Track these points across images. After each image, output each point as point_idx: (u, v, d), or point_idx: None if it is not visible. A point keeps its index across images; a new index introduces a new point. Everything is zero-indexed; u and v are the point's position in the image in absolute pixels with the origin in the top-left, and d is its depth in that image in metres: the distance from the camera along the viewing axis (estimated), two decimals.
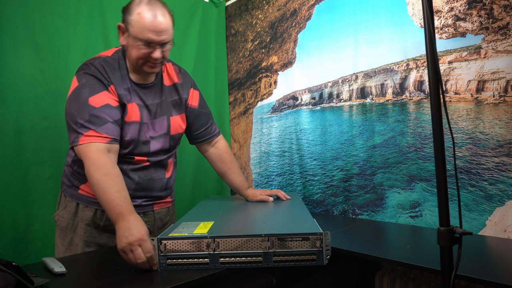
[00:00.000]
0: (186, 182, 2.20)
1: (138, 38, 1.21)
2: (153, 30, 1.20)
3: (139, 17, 1.20)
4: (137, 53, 1.24)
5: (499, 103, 1.35)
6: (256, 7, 2.28)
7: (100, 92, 1.24)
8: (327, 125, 1.95)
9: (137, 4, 1.21)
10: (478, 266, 1.02)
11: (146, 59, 1.25)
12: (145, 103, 1.34)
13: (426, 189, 1.54)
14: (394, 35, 1.65)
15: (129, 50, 1.27)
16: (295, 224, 1.20)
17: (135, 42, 1.22)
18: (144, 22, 1.19)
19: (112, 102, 1.25)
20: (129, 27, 1.22)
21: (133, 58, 1.26)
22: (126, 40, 1.26)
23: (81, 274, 1.08)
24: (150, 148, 1.35)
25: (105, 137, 1.20)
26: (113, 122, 1.23)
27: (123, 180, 1.18)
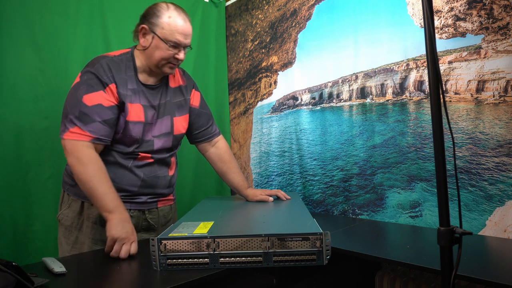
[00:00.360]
0: (186, 182, 2.20)
1: (167, 39, 1.30)
2: (183, 33, 1.31)
3: (171, 20, 1.29)
4: (163, 54, 1.31)
5: (499, 103, 1.35)
6: (256, 7, 2.28)
7: (96, 92, 1.27)
8: (327, 125, 1.95)
9: (165, 9, 1.31)
10: (478, 266, 1.02)
11: (169, 60, 1.33)
12: (151, 103, 1.39)
13: (426, 189, 1.54)
14: (394, 35, 1.65)
15: (151, 51, 1.32)
16: (295, 224, 1.20)
17: (163, 43, 1.30)
18: (176, 25, 1.30)
19: (105, 103, 1.28)
20: (157, 29, 1.29)
21: (156, 58, 1.32)
22: (148, 41, 1.32)
23: (81, 274, 1.08)
24: (154, 146, 1.39)
25: (88, 136, 1.24)
26: (101, 122, 1.26)
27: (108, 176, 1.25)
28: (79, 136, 1.24)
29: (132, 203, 1.39)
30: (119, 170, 1.35)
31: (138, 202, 1.41)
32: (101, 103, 1.27)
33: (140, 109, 1.35)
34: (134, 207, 1.40)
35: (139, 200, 1.41)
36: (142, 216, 1.43)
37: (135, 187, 1.37)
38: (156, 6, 1.32)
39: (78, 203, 1.36)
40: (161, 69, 1.36)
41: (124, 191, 1.36)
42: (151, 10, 1.33)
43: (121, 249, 1.15)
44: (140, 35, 1.34)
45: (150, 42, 1.32)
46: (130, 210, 1.38)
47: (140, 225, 1.43)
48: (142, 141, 1.36)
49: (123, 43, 1.90)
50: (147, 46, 1.33)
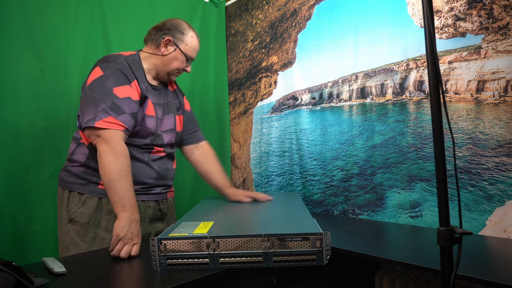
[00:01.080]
0: (186, 182, 2.20)
1: (187, 54, 1.48)
2: (196, 51, 1.53)
3: (193, 40, 1.50)
4: (179, 65, 1.49)
5: (499, 103, 1.35)
6: (256, 7, 2.28)
7: (124, 85, 1.35)
8: (327, 125, 1.95)
9: (188, 28, 1.49)
10: (478, 266, 1.02)
11: (179, 70, 1.51)
12: (158, 101, 1.51)
13: (426, 189, 1.54)
14: (394, 35, 1.65)
15: (169, 60, 1.47)
16: (295, 224, 1.19)
17: (182, 56, 1.48)
18: (195, 44, 1.51)
19: (133, 96, 1.36)
20: (181, 43, 1.47)
21: (173, 67, 1.48)
22: (169, 51, 1.46)
23: (81, 274, 1.08)
24: (164, 141, 1.50)
25: (121, 126, 1.30)
26: (130, 114, 1.33)
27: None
28: (115, 126, 1.28)
29: (149, 195, 1.49)
30: (138, 164, 1.41)
31: (154, 193, 1.50)
32: (130, 96, 1.35)
33: (152, 105, 1.45)
34: (151, 198, 1.49)
35: (155, 191, 1.50)
36: (157, 207, 1.53)
37: (151, 179, 1.47)
38: (180, 24, 1.49)
39: (95, 200, 1.38)
40: (169, 77, 1.51)
41: (143, 184, 1.44)
42: (175, 25, 1.48)
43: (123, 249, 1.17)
44: (162, 44, 1.46)
45: (170, 52, 1.46)
46: (148, 201, 1.48)
47: (155, 215, 1.53)
48: (155, 134, 1.46)
49: (123, 43, 1.90)
50: (166, 55, 1.46)
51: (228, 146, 2.46)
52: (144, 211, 1.46)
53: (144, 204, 1.47)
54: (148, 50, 1.49)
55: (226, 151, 2.45)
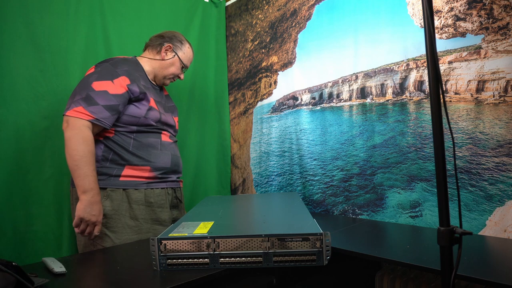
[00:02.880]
0: (186, 182, 2.20)
1: (184, 62, 1.70)
2: (190, 61, 1.76)
3: (189, 51, 1.73)
4: (175, 70, 1.68)
5: (499, 103, 1.35)
6: (256, 7, 2.28)
7: (105, 81, 1.45)
8: (327, 125, 1.95)
9: (184, 40, 1.71)
10: (478, 266, 1.02)
11: (174, 76, 1.70)
12: (158, 99, 1.65)
13: (426, 189, 1.54)
14: (394, 35, 1.65)
15: (167, 64, 1.66)
16: (295, 225, 1.19)
17: (179, 63, 1.68)
18: (191, 55, 1.74)
19: (111, 90, 1.44)
20: (179, 52, 1.68)
21: (169, 72, 1.67)
22: (168, 57, 1.66)
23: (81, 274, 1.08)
24: (168, 130, 1.67)
25: (88, 116, 1.40)
26: (104, 106, 1.42)
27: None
28: (81, 115, 1.39)
29: (167, 182, 1.63)
30: (154, 151, 1.56)
31: (171, 181, 1.65)
32: (106, 90, 1.44)
33: (153, 102, 1.59)
34: (169, 185, 1.64)
35: (171, 179, 1.65)
36: (173, 194, 1.68)
37: (167, 164, 1.60)
38: (179, 35, 1.70)
39: (119, 191, 1.49)
40: (164, 80, 1.69)
41: (161, 170, 1.58)
42: (175, 36, 1.69)
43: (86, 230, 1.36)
44: (163, 49, 1.65)
45: (169, 58, 1.65)
46: (166, 188, 1.62)
47: (173, 202, 1.68)
48: (160, 121, 1.60)
49: (123, 43, 1.90)
50: (165, 60, 1.65)
51: (228, 146, 2.46)
52: (165, 198, 1.61)
53: (164, 191, 1.61)
54: (148, 55, 1.66)
55: (226, 151, 2.45)
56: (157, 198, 1.58)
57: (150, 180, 1.55)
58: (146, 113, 1.53)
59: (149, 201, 1.55)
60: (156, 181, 1.58)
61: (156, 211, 1.57)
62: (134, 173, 1.52)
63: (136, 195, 1.52)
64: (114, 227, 1.47)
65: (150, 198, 1.55)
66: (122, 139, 1.51)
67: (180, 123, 2.18)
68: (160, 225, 1.58)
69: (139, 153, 1.52)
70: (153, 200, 1.56)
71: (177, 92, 2.17)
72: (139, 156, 1.52)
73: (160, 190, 1.59)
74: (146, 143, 1.55)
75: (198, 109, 2.29)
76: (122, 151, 1.50)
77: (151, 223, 1.55)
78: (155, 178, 1.57)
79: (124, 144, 1.51)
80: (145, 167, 1.54)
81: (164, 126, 1.63)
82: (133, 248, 1.38)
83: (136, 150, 1.52)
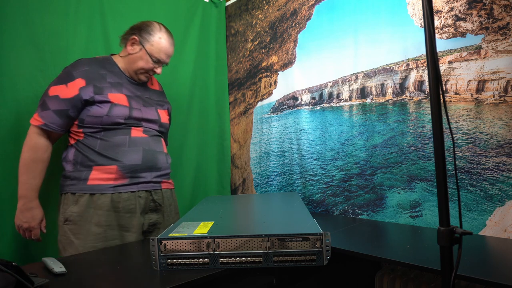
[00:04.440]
0: (186, 182, 2.20)
1: (153, 55, 1.53)
2: (166, 54, 1.56)
3: (160, 41, 1.53)
4: (144, 65, 1.54)
5: (499, 103, 1.35)
6: (256, 7, 2.28)
7: (60, 85, 1.44)
8: (327, 125, 1.95)
9: (158, 30, 1.54)
10: (478, 266, 1.02)
11: (147, 71, 1.56)
12: (135, 94, 1.58)
13: (426, 189, 1.54)
14: (394, 35, 1.65)
15: (134, 59, 1.54)
16: (295, 225, 1.20)
17: (147, 57, 1.52)
18: (163, 46, 1.54)
19: (62, 94, 1.43)
20: (146, 44, 1.52)
21: (138, 66, 1.54)
22: (135, 50, 1.53)
23: (81, 274, 1.08)
24: (143, 125, 1.56)
25: (38, 121, 1.42)
26: (53, 111, 1.42)
27: (44, 167, 1.45)
28: (33, 121, 1.43)
29: (140, 184, 1.51)
30: (121, 149, 1.47)
31: (145, 181, 1.53)
32: (58, 95, 1.43)
33: (123, 98, 1.52)
34: (141, 188, 1.52)
35: (145, 179, 1.53)
36: (149, 197, 1.55)
37: (137, 161, 1.49)
38: (150, 25, 1.54)
39: (86, 197, 1.44)
40: (137, 76, 1.57)
41: (129, 168, 1.48)
42: (145, 26, 1.54)
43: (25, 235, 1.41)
44: (129, 43, 1.53)
45: (135, 52, 1.53)
46: (138, 191, 1.51)
47: (148, 205, 1.55)
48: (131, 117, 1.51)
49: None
50: (131, 54, 1.53)
51: (228, 146, 2.46)
52: (135, 202, 1.49)
53: (134, 195, 1.50)
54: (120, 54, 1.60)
55: (226, 151, 2.45)
56: (125, 203, 1.47)
57: (118, 182, 1.46)
58: (109, 111, 1.45)
59: (116, 206, 1.46)
60: (124, 184, 1.47)
61: (124, 217, 1.47)
62: (101, 176, 1.45)
63: (102, 200, 1.44)
64: (79, 233, 1.42)
65: (117, 203, 1.46)
66: (90, 140, 1.46)
67: (180, 123, 2.18)
68: (128, 232, 1.47)
69: (106, 152, 1.45)
70: (120, 205, 1.46)
71: (177, 92, 2.16)
72: (106, 155, 1.45)
73: (129, 194, 1.48)
74: (114, 141, 1.47)
75: (198, 109, 2.29)
76: (89, 152, 1.45)
77: (118, 229, 1.46)
78: (123, 179, 1.47)
79: (91, 145, 1.46)
80: (111, 166, 1.45)
81: (138, 122, 1.53)
82: (133, 248, 1.38)
83: (102, 150, 1.45)
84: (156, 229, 1.58)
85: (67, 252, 1.42)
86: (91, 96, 1.44)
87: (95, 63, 1.52)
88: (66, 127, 1.47)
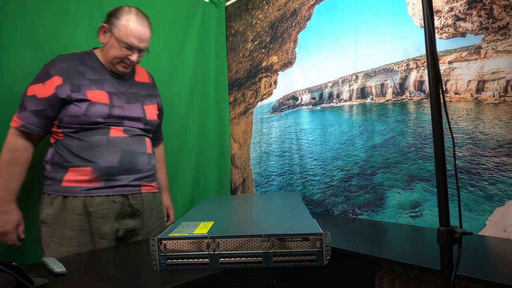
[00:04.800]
0: (186, 182, 2.20)
1: (122, 40, 1.40)
2: (137, 37, 1.41)
3: (128, 24, 1.40)
4: (116, 53, 1.43)
5: (499, 103, 1.35)
6: (256, 7, 2.28)
7: (37, 84, 1.40)
8: (327, 125, 1.95)
9: (126, 12, 1.41)
10: (478, 266, 1.02)
11: (122, 59, 1.45)
12: (119, 90, 1.49)
13: (426, 189, 1.54)
14: (394, 35, 1.65)
15: (107, 48, 1.44)
16: (295, 225, 1.20)
17: (118, 43, 1.41)
18: (132, 29, 1.40)
19: (39, 94, 1.38)
20: (115, 29, 1.40)
21: (111, 56, 1.44)
22: (106, 39, 1.44)
23: (81, 274, 1.08)
24: (125, 123, 1.47)
25: (16, 122, 1.38)
26: (31, 111, 1.38)
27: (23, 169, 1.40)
28: (12, 122, 1.39)
29: (115, 188, 1.42)
30: (97, 150, 1.40)
31: (121, 185, 1.43)
32: (35, 94, 1.38)
33: (104, 95, 1.44)
34: (117, 192, 1.43)
35: (121, 182, 1.43)
36: (126, 202, 1.46)
37: (114, 162, 1.41)
38: (119, 9, 1.43)
39: (60, 199, 1.39)
40: (115, 67, 1.47)
41: (105, 171, 1.40)
42: (113, 11, 1.43)
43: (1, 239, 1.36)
44: (100, 32, 1.44)
45: (107, 41, 1.43)
46: (113, 195, 1.42)
47: (124, 211, 1.46)
48: (111, 116, 1.43)
49: None
50: (105, 44, 1.45)
51: (228, 146, 2.46)
52: (108, 206, 1.41)
53: (108, 199, 1.41)
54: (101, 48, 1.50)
55: (226, 151, 2.45)
56: (98, 208, 1.39)
57: (91, 185, 1.39)
58: (87, 110, 1.37)
59: (89, 210, 1.38)
60: (98, 187, 1.40)
61: (97, 222, 1.39)
62: (76, 177, 1.38)
63: (74, 203, 1.37)
64: (54, 237, 1.38)
65: (89, 207, 1.38)
66: (68, 140, 1.40)
67: (180, 123, 2.18)
68: (100, 239, 1.40)
69: (82, 153, 1.38)
70: (93, 210, 1.38)
71: (177, 92, 2.17)
72: (81, 156, 1.38)
73: (102, 198, 1.40)
74: (91, 142, 1.39)
75: (198, 109, 2.29)
76: (65, 153, 1.39)
77: (91, 235, 1.39)
78: (97, 182, 1.39)
79: (68, 146, 1.39)
80: (86, 168, 1.38)
81: (119, 120, 1.45)
82: (133, 248, 1.38)
83: (79, 151, 1.38)
84: (135, 235, 1.50)
85: (46, 254, 1.39)
86: (68, 94, 1.37)
87: (74, 59, 1.44)
88: (46, 127, 1.42)
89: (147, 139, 1.56)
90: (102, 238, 1.40)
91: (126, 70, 1.50)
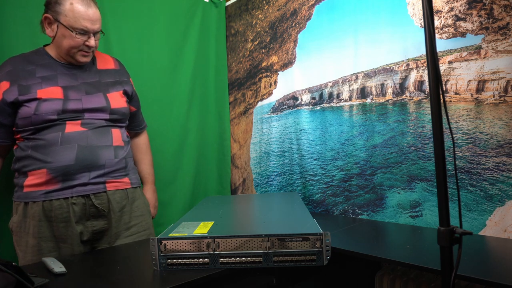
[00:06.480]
0: (186, 182, 2.20)
1: (73, 27, 1.28)
2: (88, 19, 1.29)
3: (73, 7, 1.26)
4: (72, 42, 1.30)
5: (499, 103, 1.35)
6: (256, 7, 2.28)
7: None
8: (327, 125, 1.95)
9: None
10: (478, 266, 1.02)
11: (80, 47, 1.32)
12: (74, 83, 1.39)
13: (426, 189, 1.54)
14: (394, 35, 1.65)
15: (59, 40, 1.32)
16: (295, 224, 1.20)
17: (69, 31, 1.28)
18: (80, 12, 1.27)
19: None
20: (61, 17, 1.27)
21: (66, 47, 1.32)
22: (54, 31, 1.31)
23: (81, 274, 1.08)
24: (85, 116, 1.36)
25: None
26: None
27: None
28: None
29: (74, 188, 1.32)
30: (51, 149, 1.30)
31: (80, 184, 1.33)
32: None
33: (58, 90, 1.34)
34: (76, 192, 1.33)
35: (81, 181, 1.32)
36: (88, 202, 1.36)
37: (70, 160, 1.30)
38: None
39: (22, 206, 1.34)
40: (74, 58, 1.36)
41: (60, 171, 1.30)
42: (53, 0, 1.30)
43: None
44: (45, 25, 1.32)
45: (56, 32, 1.30)
46: (72, 197, 1.32)
47: (88, 212, 1.36)
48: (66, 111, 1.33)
49: (123, 43, 1.90)
50: (54, 36, 1.32)
51: (228, 146, 2.46)
52: (69, 210, 1.32)
53: (67, 202, 1.32)
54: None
55: (226, 151, 2.45)
56: (57, 212, 1.31)
57: (49, 187, 1.30)
58: (36, 109, 1.28)
59: (49, 215, 1.31)
60: (56, 189, 1.31)
61: (59, 227, 1.31)
62: (34, 181, 1.31)
63: (34, 209, 1.30)
64: (20, 245, 1.33)
65: (49, 212, 1.31)
66: (25, 144, 1.33)
67: (180, 123, 2.18)
68: (64, 243, 1.32)
69: (37, 154, 1.30)
70: (52, 214, 1.31)
71: (177, 92, 2.17)
72: (36, 158, 1.30)
73: (60, 202, 1.31)
74: (45, 142, 1.30)
75: (198, 109, 2.29)
76: (23, 157, 1.33)
77: (54, 241, 1.32)
78: (55, 184, 1.30)
79: (25, 149, 1.33)
80: (41, 170, 1.29)
81: (78, 114, 1.34)
82: (133, 248, 1.38)
83: (34, 152, 1.30)
84: (105, 236, 1.41)
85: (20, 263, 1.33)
86: (15, 97, 1.29)
87: (21, 60, 1.36)
88: (7, 135, 1.36)
89: (114, 130, 1.43)
90: (67, 243, 1.32)
91: (87, 59, 1.38)
